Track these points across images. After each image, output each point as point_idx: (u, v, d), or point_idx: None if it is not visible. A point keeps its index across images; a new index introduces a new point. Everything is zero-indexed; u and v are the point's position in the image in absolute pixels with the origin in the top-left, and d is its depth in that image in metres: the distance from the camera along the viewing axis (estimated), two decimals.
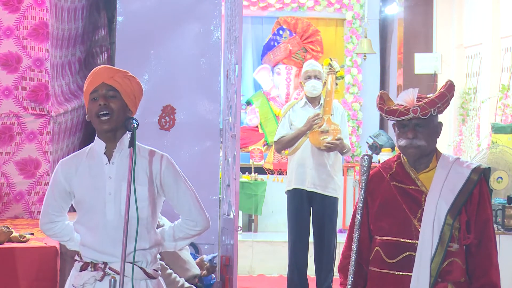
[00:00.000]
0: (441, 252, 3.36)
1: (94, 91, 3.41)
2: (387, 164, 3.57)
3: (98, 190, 3.41)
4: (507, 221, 6.20)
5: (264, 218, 10.46)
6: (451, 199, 3.39)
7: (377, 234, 3.49)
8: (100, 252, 3.39)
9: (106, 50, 7.74)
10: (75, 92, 6.83)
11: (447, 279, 3.39)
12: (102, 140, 3.43)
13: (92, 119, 3.43)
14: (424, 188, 3.45)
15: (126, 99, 3.41)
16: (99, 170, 3.42)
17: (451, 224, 3.38)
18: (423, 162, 3.48)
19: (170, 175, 3.48)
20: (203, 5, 6.52)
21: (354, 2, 11.52)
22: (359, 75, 11.55)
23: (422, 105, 3.38)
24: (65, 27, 6.53)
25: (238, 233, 5.91)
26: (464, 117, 9.90)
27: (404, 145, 3.43)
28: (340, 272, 3.63)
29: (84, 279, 3.38)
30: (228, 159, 6.23)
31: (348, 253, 3.55)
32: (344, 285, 3.55)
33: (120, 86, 3.40)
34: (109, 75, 3.42)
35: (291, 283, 7.09)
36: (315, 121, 6.92)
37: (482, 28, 9.40)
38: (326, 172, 6.98)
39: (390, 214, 3.47)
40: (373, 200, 3.52)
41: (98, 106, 3.37)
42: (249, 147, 11.00)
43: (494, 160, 6.63)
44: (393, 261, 3.43)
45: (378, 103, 3.50)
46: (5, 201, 6.29)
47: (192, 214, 3.52)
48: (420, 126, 3.41)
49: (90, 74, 3.48)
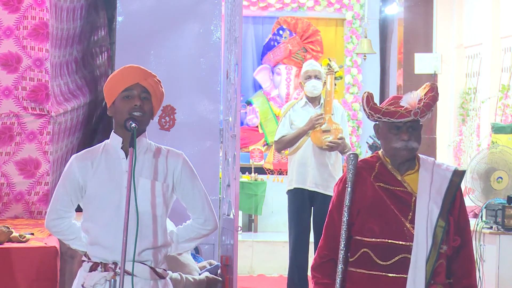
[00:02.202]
0: (435, 254, 3.38)
1: (128, 89, 3.42)
2: (367, 164, 3.54)
3: (114, 183, 3.41)
4: (507, 221, 6.20)
5: (264, 218, 10.46)
6: (440, 202, 3.42)
7: (366, 236, 3.47)
8: (111, 250, 3.38)
9: (106, 50, 7.74)
10: (74, 92, 6.83)
11: (437, 281, 3.42)
12: (119, 135, 3.45)
13: (120, 116, 3.42)
14: (411, 190, 3.46)
15: (154, 103, 3.47)
16: (116, 164, 3.44)
17: (443, 226, 3.40)
18: (407, 164, 3.49)
19: (187, 174, 3.52)
20: (203, 5, 6.53)
21: (354, 2, 11.53)
22: (359, 75, 11.55)
23: (421, 108, 3.40)
24: (64, 27, 6.53)
25: (238, 233, 5.91)
26: (464, 117, 9.90)
27: (399, 147, 3.43)
28: (315, 271, 3.58)
29: (95, 280, 3.38)
30: (228, 159, 6.23)
31: (326, 252, 3.53)
32: (323, 284, 3.51)
33: (152, 90, 3.45)
34: (143, 77, 3.45)
35: (291, 283, 7.09)
36: (317, 121, 6.92)
37: (482, 28, 9.40)
38: (328, 171, 6.98)
39: (379, 215, 3.45)
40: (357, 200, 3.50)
41: (134, 106, 3.39)
42: (249, 147, 11.01)
43: (494, 160, 6.63)
44: (387, 263, 3.42)
45: (371, 104, 3.46)
46: (5, 201, 6.29)
47: (205, 213, 3.56)
48: (412, 128, 3.43)
49: (122, 71, 3.49)
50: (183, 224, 3.62)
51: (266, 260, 9.43)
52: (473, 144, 9.44)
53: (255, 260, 9.45)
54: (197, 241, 3.63)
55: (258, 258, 9.45)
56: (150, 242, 3.42)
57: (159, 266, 3.46)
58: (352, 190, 3.44)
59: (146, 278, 3.40)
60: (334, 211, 3.56)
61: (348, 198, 3.43)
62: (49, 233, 5.24)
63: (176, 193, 3.53)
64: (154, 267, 3.43)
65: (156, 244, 3.43)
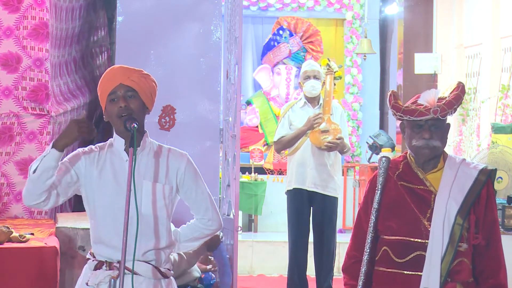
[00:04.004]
0: (451, 252, 3.37)
1: (112, 92, 3.40)
2: (393, 163, 3.56)
3: (118, 185, 3.41)
4: (507, 221, 6.20)
5: (264, 218, 10.46)
6: (461, 200, 3.40)
7: (385, 234, 3.49)
8: (115, 250, 3.38)
9: (106, 50, 7.74)
10: (73, 91, 6.83)
11: (456, 279, 3.40)
12: (121, 137, 3.44)
13: (112, 120, 3.43)
14: (433, 188, 3.46)
15: (144, 98, 3.44)
16: (120, 166, 3.43)
17: (461, 224, 3.39)
18: (431, 163, 3.49)
19: (190, 174, 3.51)
20: (203, 5, 6.53)
21: (354, 2, 11.53)
22: (359, 75, 11.56)
23: (442, 106, 3.40)
24: (63, 27, 6.53)
25: (238, 233, 5.91)
26: (464, 117, 9.90)
27: (420, 146, 3.43)
28: (345, 272, 3.61)
29: (100, 278, 3.38)
30: (228, 159, 6.23)
31: (354, 253, 3.56)
32: (350, 285, 3.54)
33: (137, 86, 3.42)
34: (126, 76, 3.42)
35: (291, 283, 7.09)
36: (316, 121, 6.92)
37: (482, 28, 9.40)
38: (327, 171, 6.98)
39: (398, 214, 3.47)
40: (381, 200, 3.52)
41: (119, 108, 3.37)
42: (249, 147, 11.01)
43: (494, 160, 6.63)
44: (403, 260, 3.43)
45: (392, 102, 3.49)
46: (5, 201, 6.29)
47: (209, 213, 3.55)
48: (435, 127, 3.43)
49: (105, 75, 3.47)
50: (187, 223, 3.62)
51: (266, 260, 9.43)
52: (473, 144, 9.43)
53: (255, 260, 9.45)
54: (200, 241, 3.62)
55: (258, 258, 9.45)
56: (154, 243, 3.41)
57: (163, 266, 3.46)
58: (382, 193, 3.46)
59: (149, 277, 3.40)
60: (362, 212, 3.58)
61: (377, 201, 3.45)
62: (49, 233, 5.25)
63: (180, 194, 3.52)
64: (157, 266, 3.43)
65: (160, 245, 3.43)
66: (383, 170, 3.48)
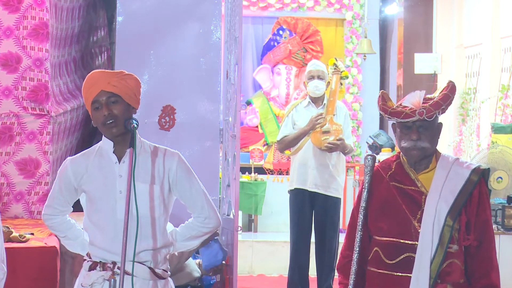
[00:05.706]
0: (441, 253, 3.36)
1: (95, 100, 3.41)
2: (386, 163, 3.56)
3: (108, 188, 3.42)
4: (507, 221, 6.21)
5: (264, 218, 10.45)
6: (451, 200, 3.38)
7: (376, 234, 3.49)
8: (109, 251, 3.38)
9: (106, 50, 7.74)
10: (73, 91, 6.83)
11: (447, 280, 3.39)
12: (110, 139, 3.46)
13: (98, 127, 3.44)
14: (424, 189, 3.44)
15: (127, 100, 3.43)
16: (110, 169, 3.44)
17: (451, 226, 3.37)
18: (423, 163, 3.48)
19: (183, 173, 3.50)
20: (203, 5, 6.52)
21: (354, 2, 11.52)
22: (359, 75, 11.54)
23: (427, 107, 3.38)
24: (63, 27, 6.53)
25: (238, 233, 5.91)
26: (464, 117, 9.90)
27: (408, 147, 3.42)
28: (339, 272, 3.63)
29: (93, 279, 3.39)
30: (228, 159, 6.23)
31: (348, 252, 3.56)
32: (344, 284, 3.55)
33: (119, 90, 3.41)
34: (106, 81, 3.42)
35: (291, 283, 7.09)
36: (318, 121, 6.91)
37: (482, 28, 9.40)
38: (328, 172, 6.97)
39: (389, 214, 3.46)
40: (372, 200, 3.52)
41: (103, 116, 3.38)
42: (249, 147, 11.00)
43: (494, 160, 6.64)
44: (393, 262, 3.43)
45: (380, 104, 3.49)
46: (5, 201, 6.29)
47: (205, 211, 3.55)
48: (423, 128, 3.41)
49: (86, 82, 3.48)
50: (185, 222, 3.61)
51: (266, 260, 9.43)
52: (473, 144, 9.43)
53: (255, 260, 9.44)
54: (199, 239, 3.62)
55: (258, 258, 9.45)
56: (149, 244, 3.42)
57: (159, 267, 3.45)
58: (368, 191, 3.45)
59: (145, 278, 3.40)
60: (355, 211, 3.58)
61: (364, 200, 3.44)
62: (49, 233, 5.25)
63: (174, 193, 3.52)
64: (153, 267, 3.43)
65: (155, 246, 3.43)
66: (369, 169, 3.47)
